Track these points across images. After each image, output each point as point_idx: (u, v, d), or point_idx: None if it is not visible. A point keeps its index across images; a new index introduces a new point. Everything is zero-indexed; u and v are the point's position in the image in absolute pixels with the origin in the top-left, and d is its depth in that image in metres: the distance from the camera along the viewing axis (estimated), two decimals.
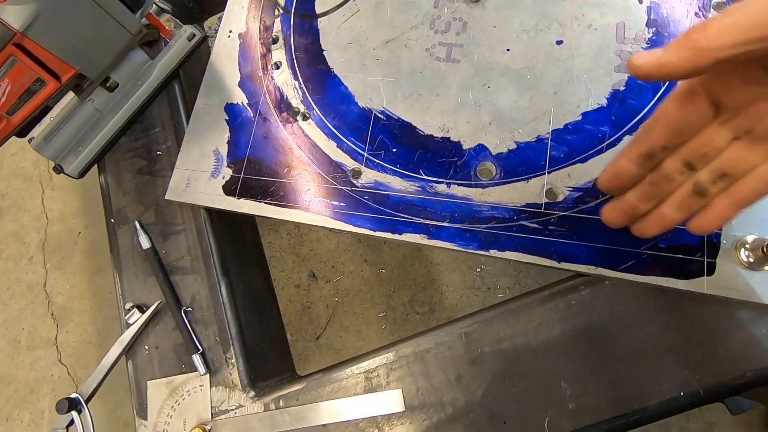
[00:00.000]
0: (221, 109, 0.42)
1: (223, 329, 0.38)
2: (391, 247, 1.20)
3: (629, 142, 0.26)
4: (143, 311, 0.39)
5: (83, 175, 0.45)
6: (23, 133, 0.40)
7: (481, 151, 0.36)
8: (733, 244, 0.30)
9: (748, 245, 0.30)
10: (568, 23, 0.37)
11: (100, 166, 0.45)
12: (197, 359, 0.37)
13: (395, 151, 0.37)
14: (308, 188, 0.38)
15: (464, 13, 0.39)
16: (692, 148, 0.25)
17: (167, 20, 0.48)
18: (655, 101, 0.34)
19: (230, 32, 0.45)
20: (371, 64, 0.40)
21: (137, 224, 0.42)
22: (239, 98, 0.42)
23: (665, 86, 0.34)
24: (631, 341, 0.32)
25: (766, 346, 0.29)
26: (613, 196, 0.29)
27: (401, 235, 0.35)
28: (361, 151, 0.38)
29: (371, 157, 0.38)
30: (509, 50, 0.37)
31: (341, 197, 0.37)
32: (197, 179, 0.40)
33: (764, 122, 0.23)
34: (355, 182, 0.37)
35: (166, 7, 0.45)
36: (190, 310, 0.39)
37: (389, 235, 0.35)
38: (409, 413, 0.33)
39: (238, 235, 0.45)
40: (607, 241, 0.32)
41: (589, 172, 0.34)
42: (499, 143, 0.36)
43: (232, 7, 0.45)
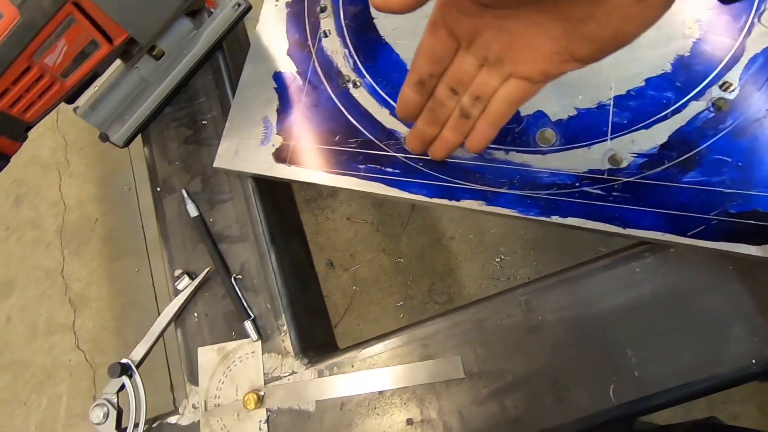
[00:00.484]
0: (269, 77, 0.42)
1: (273, 297, 0.38)
2: (409, 236, 1.19)
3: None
4: (192, 278, 0.39)
5: (128, 144, 0.44)
6: (72, 98, 0.40)
7: (540, 117, 0.35)
8: None
9: None
10: None
11: (144, 136, 0.45)
12: (249, 326, 0.37)
13: None
14: (360, 155, 0.37)
15: None
16: (451, 74, 0.28)
17: None
18: (720, 68, 0.33)
19: (277, 1, 0.44)
20: (423, 30, 0.39)
21: (184, 193, 0.41)
22: (287, 67, 0.42)
23: (730, 53, 0.33)
24: (698, 309, 0.31)
25: None
26: None
27: (459, 201, 0.35)
28: None
29: None
30: None
31: (395, 164, 0.37)
32: (246, 147, 0.40)
33: (492, 49, 0.26)
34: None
35: None
36: (239, 277, 0.39)
37: (446, 201, 0.35)
38: (468, 380, 0.33)
39: (280, 206, 0.45)
40: (674, 207, 0.31)
41: (653, 138, 0.33)
42: (558, 110, 0.35)
43: None
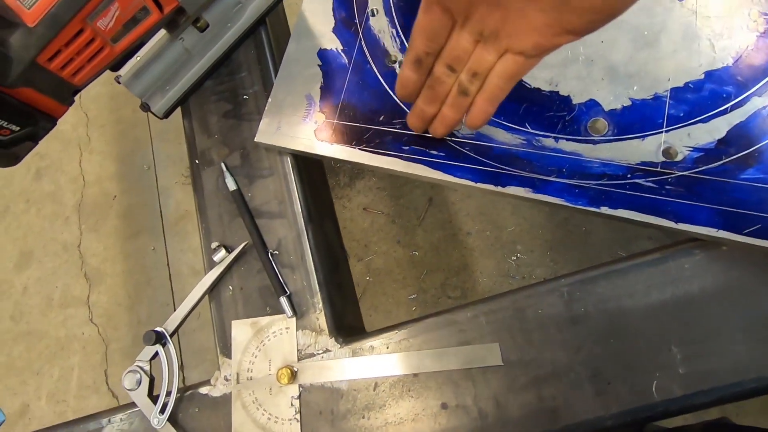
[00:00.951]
0: (314, 54, 0.41)
1: (309, 274, 0.37)
2: (425, 230, 1.19)
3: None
4: (229, 251, 0.39)
5: (168, 115, 0.44)
6: (118, 66, 0.40)
7: (592, 106, 0.35)
8: None
9: None
10: None
11: (183, 108, 0.45)
12: (285, 302, 0.36)
13: None
14: (405, 136, 0.37)
15: None
16: (448, 51, 0.29)
17: None
18: None
19: None
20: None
21: (223, 166, 0.41)
22: (333, 44, 0.41)
23: None
24: (748, 308, 0.30)
25: None
26: None
27: (505, 187, 0.34)
28: None
29: None
30: None
31: (440, 146, 0.36)
32: (289, 123, 0.40)
33: (487, 25, 0.26)
34: (456, 132, 0.36)
35: None
36: (276, 253, 0.38)
37: (492, 187, 0.34)
38: (505, 368, 0.32)
39: (316, 185, 0.44)
40: (730, 203, 0.31)
41: (710, 132, 0.32)
42: (612, 99, 0.34)
43: None
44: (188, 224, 1.36)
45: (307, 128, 0.39)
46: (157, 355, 0.37)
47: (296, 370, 0.35)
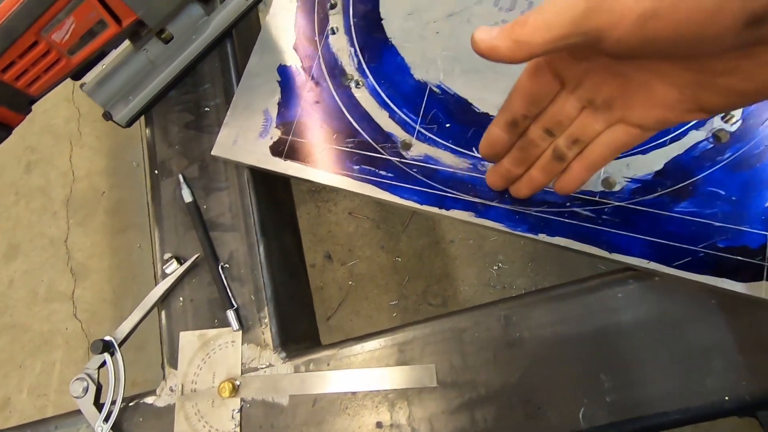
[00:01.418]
0: (274, 69, 0.42)
1: (258, 288, 0.38)
2: (409, 236, 1.20)
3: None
4: (181, 263, 0.39)
5: (131, 124, 0.45)
6: (78, 75, 0.40)
7: None
8: None
9: None
10: None
11: (147, 117, 0.46)
12: (231, 315, 0.37)
13: (448, 126, 0.37)
14: (356, 156, 0.38)
15: None
16: (549, 116, 0.27)
17: None
18: None
19: None
20: (430, 36, 0.39)
21: (181, 177, 0.42)
22: (293, 60, 0.42)
23: None
24: (678, 340, 0.31)
25: None
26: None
27: (448, 210, 0.35)
28: (413, 123, 0.37)
29: (423, 130, 0.37)
30: None
31: (389, 168, 0.37)
32: (245, 138, 0.40)
33: (601, 93, 0.25)
34: (404, 154, 0.37)
35: None
36: (227, 266, 0.39)
37: (436, 209, 0.35)
38: (441, 389, 0.33)
39: (276, 198, 0.45)
40: (662, 235, 0.31)
41: (649, 164, 0.33)
42: None
43: None
44: None
45: (262, 143, 0.40)
46: (104, 364, 0.37)
47: (239, 383, 0.36)
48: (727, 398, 0.29)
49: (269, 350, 0.36)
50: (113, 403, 0.36)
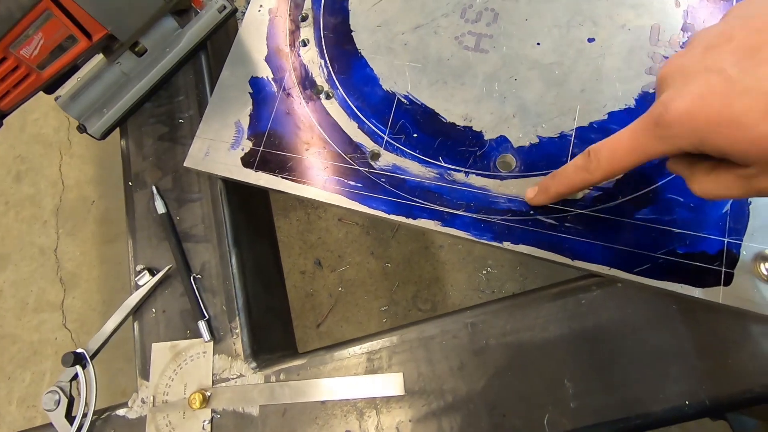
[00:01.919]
0: (246, 81, 0.42)
1: (230, 299, 0.38)
2: (398, 241, 1.20)
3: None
4: (154, 274, 0.39)
5: (105, 136, 0.45)
6: (51, 89, 0.41)
7: (502, 142, 0.36)
8: (753, 256, 0.30)
9: None
10: (601, 21, 0.37)
11: (122, 129, 0.46)
12: (203, 326, 0.37)
13: (416, 136, 0.37)
14: (326, 166, 0.38)
15: (497, 4, 0.39)
16: None
17: None
18: None
19: (260, 6, 0.45)
20: (399, 48, 0.40)
21: (154, 189, 0.42)
22: (265, 72, 0.42)
23: None
24: (639, 345, 0.31)
25: None
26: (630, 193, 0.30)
27: (416, 220, 0.35)
28: (381, 133, 0.38)
29: (391, 140, 0.37)
30: (539, 44, 0.37)
31: (358, 178, 0.37)
32: (217, 149, 0.41)
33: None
34: (373, 164, 0.37)
35: None
36: (199, 277, 0.39)
37: (403, 219, 0.35)
38: (408, 398, 0.33)
39: (251, 209, 0.45)
40: (623, 242, 0.32)
41: None
42: (521, 136, 0.35)
43: None
44: None
45: (234, 154, 0.40)
46: (76, 377, 0.37)
47: (209, 394, 0.36)
48: (687, 403, 0.30)
49: (240, 361, 0.37)
50: (84, 416, 0.36)
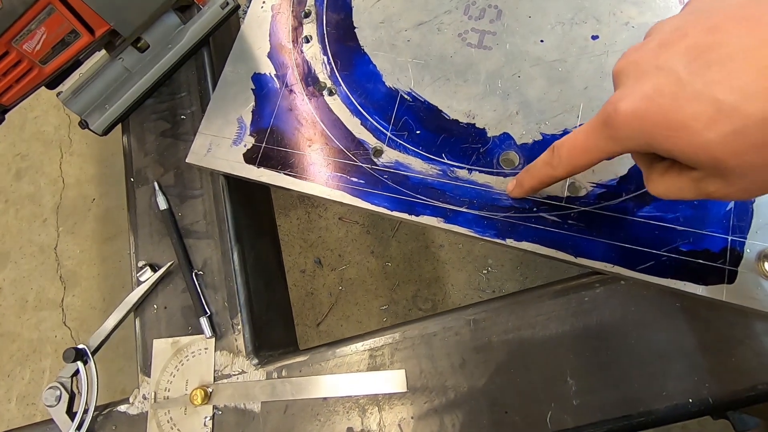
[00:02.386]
0: (248, 78, 0.42)
1: (232, 295, 0.38)
2: (398, 241, 1.20)
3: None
4: (155, 270, 0.39)
5: (107, 132, 0.45)
6: (53, 84, 0.40)
7: (505, 139, 0.35)
8: (756, 254, 0.30)
9: None
10: (605, 19, 0.36)
11: (124, 125, 0.46)
12: (204, 322, 0.37)
13: (419, 133, 0.37)
14: (328, 163, 0.38)
15: (500, 1, 0.39)
16: None
17: None
18: None
19: (263, 3, 0.45)
20: (401, 44, 0.40)
21: (156, 185, 0.42)
22: (267, 69, 0.42)
23: None
24: (642, 343, 0.31)
25: None
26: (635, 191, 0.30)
27: (418, 216, 0.35)
28: (384, 130, 0.38)
29: (394, 137, 0.37)
30: (543, 41, 0.37)
31: (361, 174, 0.37)
32: (219, 145, 0.40)
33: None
34: (375, 161, 0.37)
35: None
36: (201, 273, 0.39)
37: (406, 215, 0.35)
38: (410, 394, 0.33)
39: (253, 205, 0.45)
40: (627, 240, 0.32)
41: (614, 169, 0.33)
42: (524, 133, 0.35)
43: None
44: None
45: (236, 151, 0.40)
46: (77, 372, 0.37)
47: (211, 391, 0.36)
48: (690, 401, 0.30)
49: (242, 357, 0.36)
50: (85, 411, 0.36)
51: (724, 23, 0.19)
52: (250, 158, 0.39)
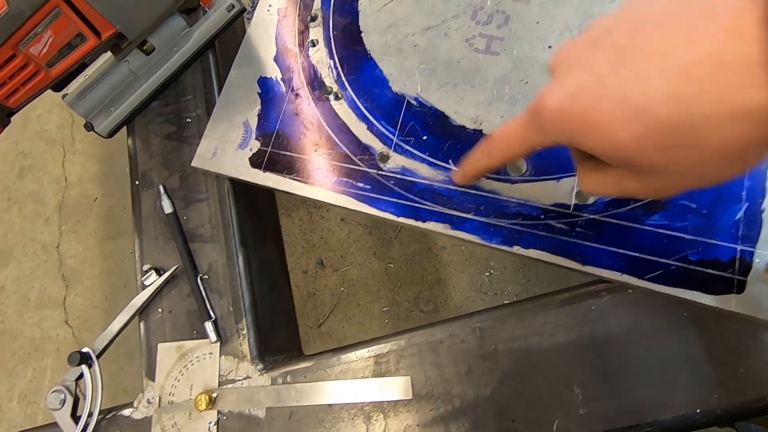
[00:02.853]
0: (254, 81, 0.42)
1: (236, 300, 0.38)
2: (401, 242, 1.20)
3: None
4: (160, 274, 0.39)
5: (112, 134, 0.45)
6: (59, 87, 0.40)
7: None
8: (766, 264, 0.29)
9: None
10: None
11: (129, 128, 0.46)
12: (209, 326, 0.37)
13: (425, 138, 0.37)
14: (334, 168, 0.38)
15: (508, 6, 0.39)
16: None
17: None
18: None
19: (269, 6, 0.44)
20: (408, 49, 0.39)
21: (161, 188, 0.42)
22: (273, 72, 0.42)
23: None
24: (650, 352, 0.31)
25: None
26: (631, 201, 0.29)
27: (424, 222, 0.35)
28: (390, 135, 0.38)
29: (400, 142, 0.37)
30: (551, 47, 0.37)
31: (367, 180, 0.37)
32: (224, 149, 0.40)
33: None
34: (382, 166, 0.37)
35: None
36: (206, 277, 0.39)
37: (412, 221, 0.35)
38: (416, 402, 0.33)
39: (257, 209, 0.45)
40: (635, 248, 0.31)
41: None
42: None
43: None
44: None
45: (242, 155, 0.40)
46: (82, 376, 0.37)
47: (215, 396, 0.36)
48: (698, 411, 0.29)
49: (246, 362, 0.36)
50: (90, 415, 0.36)
51: (646, 25, 0.19)
52: (255, 162, 0.39)
